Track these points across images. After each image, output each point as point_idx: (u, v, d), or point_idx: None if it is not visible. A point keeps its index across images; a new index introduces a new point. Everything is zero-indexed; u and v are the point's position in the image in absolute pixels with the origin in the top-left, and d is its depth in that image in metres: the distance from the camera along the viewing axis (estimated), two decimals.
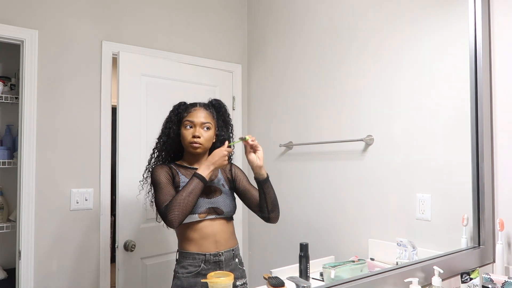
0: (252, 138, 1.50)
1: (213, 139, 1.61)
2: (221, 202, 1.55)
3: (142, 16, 2.27)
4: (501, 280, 1.37)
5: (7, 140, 2.35)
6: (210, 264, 1.50)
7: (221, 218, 1.54)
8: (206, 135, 1.56)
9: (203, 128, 1.56)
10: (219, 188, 1.58)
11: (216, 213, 1.53)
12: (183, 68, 2.37)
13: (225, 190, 1.59)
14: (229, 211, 1.57)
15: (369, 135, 1.88)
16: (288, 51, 2.39)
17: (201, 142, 1.54)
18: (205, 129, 1.56)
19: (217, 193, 1.56)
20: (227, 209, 1.56)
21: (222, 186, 1.59)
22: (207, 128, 1.57)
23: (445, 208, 1.64)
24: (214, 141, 1.62)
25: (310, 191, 2.19)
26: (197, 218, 1.50)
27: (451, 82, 1.68)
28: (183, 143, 1.58)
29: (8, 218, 2.32)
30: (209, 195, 1.54)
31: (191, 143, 1.54)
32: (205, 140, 1.56)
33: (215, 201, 1.54)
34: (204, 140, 1.55)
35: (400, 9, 1.82)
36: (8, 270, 2.27)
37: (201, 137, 1.54)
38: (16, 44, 1.93)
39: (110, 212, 2.14)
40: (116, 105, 2.12)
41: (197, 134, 1.54)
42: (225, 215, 1.55)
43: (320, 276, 1.54)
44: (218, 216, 1.53)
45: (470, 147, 1.62)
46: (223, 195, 1.57)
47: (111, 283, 2.13)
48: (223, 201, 1.56)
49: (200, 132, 1.55)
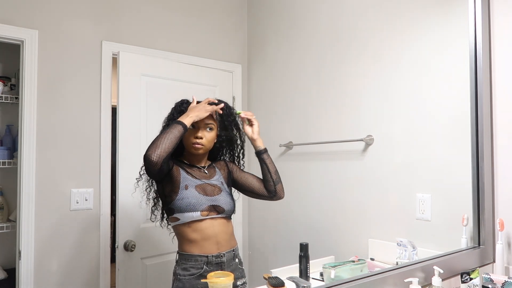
0: (245, 113, 1.60)
1: (215, 139, 1.60)
2: (222, 200, 1.54)
3: (142, 16, 2.27)
4: (501, 280, 1.37)
5: (7, 140, 2.35)
6: (212, 266, 1.49)
7: (221, 217, 1.54)
8: (209, 136, 1.55)
9: (206, 129, 1.54)
10: (219, 186, 1.57)
11: (217, 211, 1.52)
12: (183, 68, 2.37)
13: (224, 188, 1.58)
14: (229, 209, 1.56)
15: (369, 135, 1.88)
16: (288, 51, 2.39)
17: (203, 143, 1.53)
18: (208, 130, 1.55)
19: (217, 191, 1.55)
20: (228, 207, 1.55)
21: (221, 184, 1.59)
22: (210, 128, 1.55)
23: (445, 208, 1.64)
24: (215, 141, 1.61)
25: (310, 191, 2.19)
26: (199, 216, 1.48)
27: (451, 82, 1.68)
28: (184, 142, 1.56)
29: (8, 218, 2.32)
30: (210, 193, 1.53)
31: (193, 144, 1.53)
32: (207, 141, 1.55)
33: (215, 199, 1.53)
34: (206, 141, 1.54)
35: (400, 9, 1.82)
36: (8, 270, 2.27)
37: (203, 138, 1.53)
38: (16, 44, 1.93)
39: (110, 212, 2.14)
40: (116, 105, 2.12)
41: (199, 135, 1.52)
42: (225, 213, 1.54)
43: (320, 276, 1.54)
44: (219, 215, 1.52)
45: (470, 147, 1.62)
46: (223, 193, 1.56)
47: (111, 283, 2.13)
48: (224, 199, 1.55)
49: (203, 133, 1.53)
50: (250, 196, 1.66)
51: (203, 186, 1.53)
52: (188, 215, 1.48)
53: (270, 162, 1.60)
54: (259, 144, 1.60)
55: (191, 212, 1.47)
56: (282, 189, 1.62)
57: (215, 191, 1.55)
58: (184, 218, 1.49)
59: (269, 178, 1.59)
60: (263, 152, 1.59)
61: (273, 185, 1.59)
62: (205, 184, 1.54)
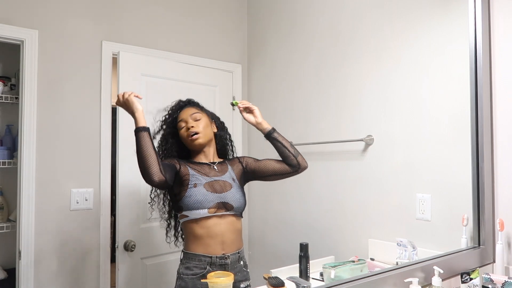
0: (242, 102, 1.58)
1: (212, 127, 1.62)
2: (231, 197, 1.53)
3: (142, 16, 2.27)
4: (501, 280, 1.37)
5: (7, 140, 2.35)
6: (216, 267, 1.48)
7: (230, 215, 1.52)
8: (199, 124, 1.57)
9: (193, 119, 1.57)
10: (229, 183, 1.56)
11: (225, 208, 1.51)
12: (183, 68, 2.37)
13: (235, 184, 1.57)
14: (239, 206, 1.54)
15: (369, 135, 1.88)
16: (288, 51, 2.39)
17: (197, 131, 1.55)
18: (195, 120, 1.57)
19: (227, 187, 1.54)
20: (237, 204, 1.53)
21: (232, 181, 1.57)
22: (196, 119, 1.57)
23: (445, 208, 1.64)
24: (215, 131, 1.63)
25: (310, 191, 2.19)
26: (206, 213, 1.47)
27: (451, 82, 1.68)
28: (185, 143, 1.59)
29: (8, 218, 2.32)
30: (218, 190, 1.52)
31: (189, 137, 1.55)
32: (201, 128, 1.56)
33: (224, 196, 1.52)
34: (199, 128, 1.56)
35: (400, 9, 1.82)
36: (8, 270, 2.26)
37: (194, 126, 1.55)
38: (16, 44, 1.93)
39: (110, 212, 2.14)
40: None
41: (189, 125, 1.55)
42: (234, 210, 1.53)
43: (320, 276, 1.54)
44: (227, 212, 1.51)
45: (470, 147, 1.62)
46: (232, 190, 1.55)
47: (111, 283, 2.13)
48: (233, 196, 1.53)
49: (191, 122, 1.56)
50: (276, 179, 1.63)
51: (212, 183, 1.53)
52: (196, 212, 1.48)
53: (283, 139, 1.58)
54: (266, 126, 1.58)
55: (198, 209, 1.47)
56: (303, 159, 1.60)
57: (225, 187, 1.54)
58: (192, 215, 1.49)
59: (288, 154, 1.57)
60: (272, 132, 1.58)
61: (294, 158, 1.57)
62: (214, 181, 1.54)
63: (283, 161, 1.59)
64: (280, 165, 1.59)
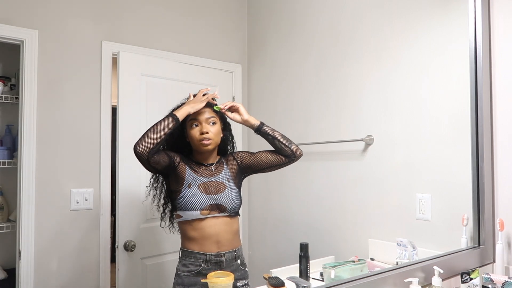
0: (224, 104, 1.55)
1: (221, 133, 1.59)
2: (224, 198, 1.52)
3: (142, 16, 2.27)
4: (501, 280, 1.37)
5: (7, 140, 2.35)
6: (211, 264, 1.49)
7: (224, 216, 1.52)
8: (214, 130, 1.53)
9: (209, 124, 1.53)
10: (223, 183, 1.55)
11: (219, 210, 1.51)
12: (183, 68, 2.37)
13: (229, 184, 1.56)
14: (233, 207, 1.54)
15: (369, 135, 1.88)
16: (288, 51, 2.39)
17: (210, 137, 1.51)
18: (211, 124, 1.53)
19: (221, 188, 1.54)
20: (231, 205, 1.53)
21: (226, 181, 1.57)
22: (213, 123, 1.54)
23: (445, 208, 1.64)
24: (222, 136, 1.60)
25: (310, 191, 2.19)
26: (199, 215, 1.48)
27: (451, 82, 1.68)
28: (192, 143, 1.55)
29: (8, 218, 2.32)
30: (212, 192, 1.52)
31: (200, 140, 1.51)
32: (214, 135, 1.53)
33: (217, 198, 1.51)
34: (213, 135, 1.52)
35: (400, 9, 1.82)
36: (8, 270, 2.26)
37: (209, 132, 1.51)
38: (16, 44, 1.92)
39: (110, 212, 2.14)
40: (116, 105, 2.12)
41: (204, 130, 1.50)
42: (228, 212, 1.53)
43: (320, 276, 1.54)
44: (221, 213, 1.51)
45: (470, 147, 1.62)
46: (226, 191, 1.54)
47: (111, 283, 2.13)
48: (227, 197, 1.53)
49: (207, 128, 1.51)
50: (273, 170, 1.62)
51: (206, 185, 1.53)
52: (189, 213, 1.49)
53: (273, 131, 1.57)
54: (254, 122, 1.56)
55: (191, 210, 1.48)
56: (297, 147, 1.59)
57: (218, 189, 1.53)
58: (186, 216, 1.50)
59: (281, 146, 1.56)
60: (261, 127, 1.56)
61: (288, 148, 1.57)
62: (209, 182, 1.53)
63: (278, 153, 1.59)
64: (275, 156, 1.59)
